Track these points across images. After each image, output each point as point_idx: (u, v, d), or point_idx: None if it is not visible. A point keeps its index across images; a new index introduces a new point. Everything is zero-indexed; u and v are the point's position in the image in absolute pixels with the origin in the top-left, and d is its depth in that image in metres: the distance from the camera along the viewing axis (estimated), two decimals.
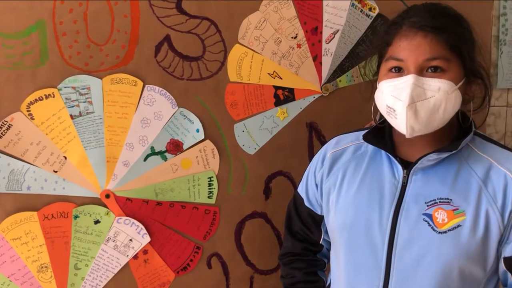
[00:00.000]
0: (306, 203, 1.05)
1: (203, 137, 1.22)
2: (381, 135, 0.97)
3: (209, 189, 1.24)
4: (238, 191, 1.27)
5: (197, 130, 1.22)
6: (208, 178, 1.24)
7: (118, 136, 1.17)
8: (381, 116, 0.98)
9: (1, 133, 1.11)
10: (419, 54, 0.84)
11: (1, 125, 1.11)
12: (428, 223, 0.86)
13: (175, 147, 1.21)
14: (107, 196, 1.18)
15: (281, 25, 1.24)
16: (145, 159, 1.20)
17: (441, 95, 0.83)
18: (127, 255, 1.21)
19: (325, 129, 1.30)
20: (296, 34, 1.25)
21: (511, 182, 0.85)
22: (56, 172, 1.15)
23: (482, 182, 0.87)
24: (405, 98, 0.83)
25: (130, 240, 1.20)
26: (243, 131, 1.25)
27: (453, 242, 0.84)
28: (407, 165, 0.91)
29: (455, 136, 0.91)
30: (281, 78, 1.26)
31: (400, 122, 0.85)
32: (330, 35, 1.28)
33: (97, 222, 1.18)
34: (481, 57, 0.92)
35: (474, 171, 0.88)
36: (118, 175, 1.19)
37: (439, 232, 0.85)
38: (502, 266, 0.87)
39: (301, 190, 1.08)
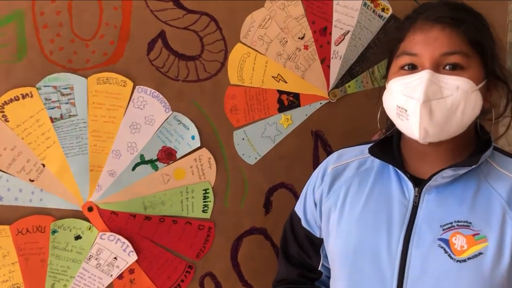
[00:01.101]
0: (304, 224, 0.97)
1: (199, 145, 1.16)
2: (389, 148, 0.89)
3: (204, 202, 1.17)
4: (235, 205, 1.20)
5: (193, 137, 1.15)
6: (203, 190, 1.17)
7: (104, 142, 1.10)
8: (389, 126, 0.91)
9: None
10: (435, 47, 0.78)
11: None
12: (445, 249, 0.78)
13: (168, 155, 1.14)
14: (90, 209, 1.11)
15: (288, 24, 1.17)
16: (133, 169, 1.13)
17: (460, 95, 0.76)
18: (111, 275, 1.13)
19: (332, 138, 1.24)
20: (304, 34, 1.18)
21: None
22: (32, 181, 1.07)
23: (506, 203, 0.79)
24: (419, 95, 0.76)
25: (115, 258, 1.13)
26: (243, 138, 1.19)
27: (474, 273, 0.76)
28: (419, 183, 0.83)
29: (473, 151, 0.84)
30: (286, 82, 1.19)
31: (413, 123, 0.78)
32: (339, 36, 1.20)
33: (78, 237, 1.10)
34: (502, 61, 0.86)
35: (495, 191, 0.80)
36: (103, 185, 1.11)
37: (458, 261, 0.77)
38: None
39: (298, 208, 1.00)
